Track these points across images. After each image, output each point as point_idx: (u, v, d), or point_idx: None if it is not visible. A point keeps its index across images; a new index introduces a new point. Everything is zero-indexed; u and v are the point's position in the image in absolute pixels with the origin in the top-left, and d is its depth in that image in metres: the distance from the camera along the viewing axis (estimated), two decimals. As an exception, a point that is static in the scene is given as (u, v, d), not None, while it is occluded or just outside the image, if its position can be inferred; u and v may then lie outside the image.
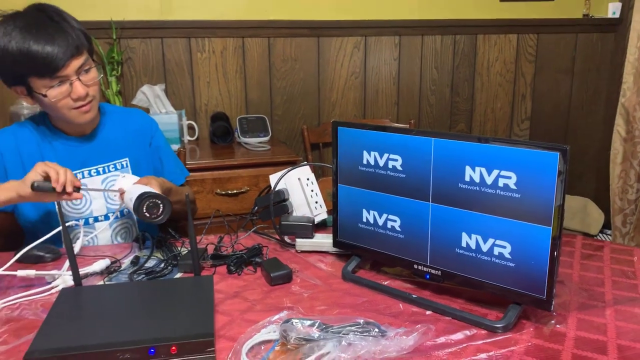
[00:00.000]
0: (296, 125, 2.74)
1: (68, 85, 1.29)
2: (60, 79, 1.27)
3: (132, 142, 1.51)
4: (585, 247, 1.28)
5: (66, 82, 1.28)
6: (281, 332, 0.86)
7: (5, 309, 1.03)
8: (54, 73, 1.26)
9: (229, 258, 1.20)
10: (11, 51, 1.24)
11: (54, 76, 1.26)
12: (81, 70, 1.30)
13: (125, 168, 1.48)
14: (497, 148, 0.92)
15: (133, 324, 0.88)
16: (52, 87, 1.28)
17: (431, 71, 2.89)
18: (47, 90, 1.28)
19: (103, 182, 1.44)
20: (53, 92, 1.28)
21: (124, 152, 1.49)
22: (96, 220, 1.44)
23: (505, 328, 0.92)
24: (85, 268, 1.15)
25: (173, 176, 1.56)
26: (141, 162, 1.52)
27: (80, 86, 1.30)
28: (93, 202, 1.44)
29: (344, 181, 1.15)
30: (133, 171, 1.49)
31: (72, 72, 1.28)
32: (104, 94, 2.43)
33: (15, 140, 1.39)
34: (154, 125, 1.60)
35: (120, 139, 1.49)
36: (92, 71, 1.34)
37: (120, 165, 1.48)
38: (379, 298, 1.05)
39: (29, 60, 1.24)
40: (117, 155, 1.48)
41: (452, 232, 1.00)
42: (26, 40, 1.23)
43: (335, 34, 2.69)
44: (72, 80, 1.29)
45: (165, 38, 2.49)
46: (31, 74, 1.27)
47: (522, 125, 3.11)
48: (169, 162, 1.59)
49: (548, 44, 3.02)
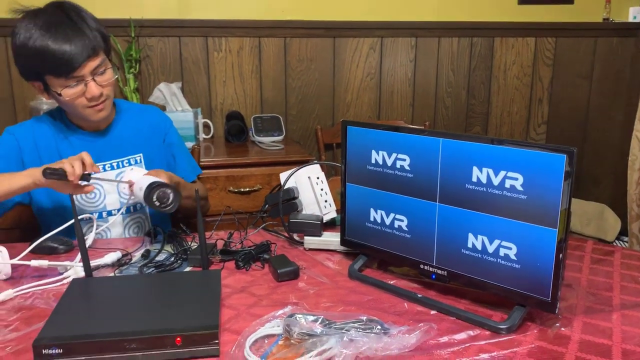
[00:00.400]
0: (310, 125, 2.75)
1: (83, 85, 1.31)
2: (75, 79, 1.30)
3: (146, 139, 1.54)
4: (596, 252, 1.27)
5: (81, 82, 1.31)
6: (285, 326, 0.87)
7: (18, 297, 1.05)
8: (70, 73, 1.28)
9: (237, 254, 1.22)
10: (30, 48, 1.27)
11: (70, 76, 1.29)
12: (97, 71, 1.32)
13: (139, 163, 1.51)
14: (504, 149, 0.92)
15: (140, 314, 0.90)
16: (68, 86, 1.30)
17: (447, 73, 2.88)
18: (62, 90, 1.30)
19: (117, 176, 1.47)
20: (68, 92, 1.31)
21: (138, 147, 1.51)
22: (110, 214, 1.46)
23: (509, 329, 0.92)
24: (96, 260, 1.18)
25: (185, 173, 1.58)
26: (155, 158, 1.54)
27: (95, 87, 1.32)
28: (107, 196, 1.46)
29: (352, 180, 1.16)
30: (147, 166, 1.51)
31: (87, 73, 1.30)
32: (121, 91, 2.46)
33: (33, 135, 1.43)
34: (168, 123, 1.62)
35: (135, 135, 1.52)
36: (108, 72, 1.36)
37: (134, 161, 1.50)
38: (385, 297, 1.06)
39: (46, 59, 1.27)
40: (132, 150, 1.50)
41: (458, 232, 1.00)
42: (45, 39, 1.26)
43: (352, 34, 2.70)
44: (87, 81, 1.31)
45: (182, 37, 2.52)
46: (48, 72, 1.29)
47: (539, 129, 3.08)
48: (181, 159, 1.61)
49: (566, 47, 2.99)
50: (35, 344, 0.80)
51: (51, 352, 0.80)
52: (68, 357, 0.81)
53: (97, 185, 1.44)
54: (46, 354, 0.80)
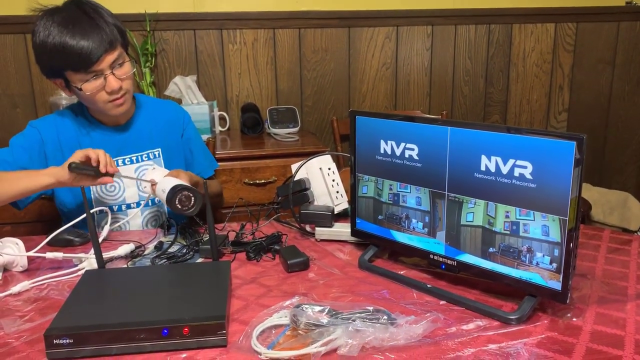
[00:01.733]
0: (326, 116, 2.75)
1: (102, 79, 1.33)
2: (94, 73, 1.32)
3: (164, 133, 1.56)
4: (613, 241, 1.24)
5: (100, 76, 1.33)
6: (291, 317, 0.87)
7: (34, 289, 1.08)
8: (88, 67, 1.30)
9: (248, 245, 1.22)
10: (49, 45, 1.29)
11: (89, 70, 1.31)
12: (115, 64, 1.34)
13: (158, 158, 1.53)
14: (512, 137, 0.90)
15: (149, 305, 0.91)
16: (87, 81, 1.32)
17: (465, 61, 2.84)
18: (82, 84, 1.33)
19: (136, 170, 1.49)
20: (88, 86, 1.33)
21: (157, 142, 1.53)
22: (129, 207, 1.49)
23: (519, 320, 0.91)
24: (110, 252, 1.19)
25: (202, 167, 1.59)
26: (173, 153, 1.56)
27: (114, 80, 1.34)
28: (126, 189, 1.49)
29: (361, 170, 1.15)
30: (165, 160, 1.53)
31: (106, 67, 1.32)
32: (138, 85, 2.49)
33: (56, 128, 1.46)
34: (187, 117, 1.64)
35: (154, 129, 1.54)
36: (126, 65, 1.38)
37: (153, 155, 1.52)
38: (394, 287, 1.05)
39: (65, 55, 1.29)
40: (151, 145, 1.52)
41: (467, 222, 0.99)
42: (63, 35, 1.28)
43: (366, 24, 2.67)
44: (106, 75, 1.33)
45: (197, 30, 2.53)
46: (67, 68, 1.32)
47: (560, 117, 3.02)
48: (198, 154, 1.63)
49: (588, 33, 2.92)
50: (47, 334, 0.82)
51: (62, 342, 0.82)
52: (78, 346, 0.83)
53: (117, 180, 1.47)
54: (57, 343, 0.82)
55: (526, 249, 0.92)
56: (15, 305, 1.01)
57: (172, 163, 1.55)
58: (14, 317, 0.96)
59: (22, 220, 1.76)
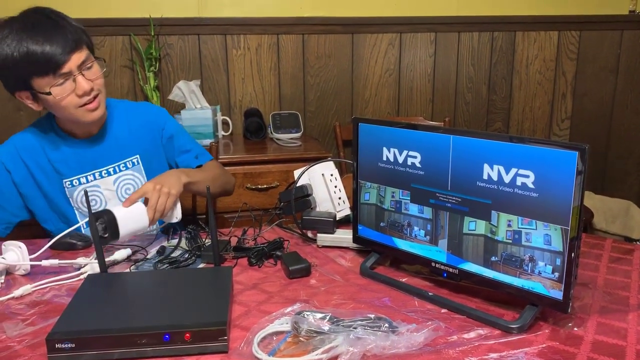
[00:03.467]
0: (329, 121, 2.75)
1: (72, 82, 1.28)
2: (63, 76, 1.26)
3: (141, 138, 1.50)
4: (615, 250, 1.24)
5: (69, 78, 1.27)
6: (293, 323, 0.88)
7: (36, 292, 1.08)
8: (56, 70, 1.25)
9: (250, 250, 1.23)
10: (10, 55, 1.23)
11: (57, 73, 1.25)
12: (83, 66, 1.29)
13: (137, 165, 1.48)
14: (515, 146, 0.90)
15: (151, 310, 0.91)
16: (56, 85, 1.26)
17: (468, 68, 2.85)
18: (51, 88, 1.26)
19: (115, 182, 1.45)
20: (57, 90, 1.27)
21: (134, 149, 1.48)
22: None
23: (520, 329, 0.91)
24: (112, 256, 1.20)
25: (200, 158, 1.56)
26: (153, 157, 1.52)
27: (84, 81, 1.29)
28: (107, 202, 1.45)
29: (364, 177, 1.15)
30: (145, 167, 1.49)
31: (74, 68, 1.27)
32: (142, 89, 2.50)
33: (17, 153, 1.40)
34: (162, 117, 1.57)
35: (129, 136, 1.48)
36: (95, 66, 1.32)
37: (131, 163, 1.48)
38: (395, 294, 1.05)
39: (29, 61, 1.23)
40: (127, 153, 1.47)
41: (469, 230, 0.99)
42: (24, 42, 1.22)
43: (370, 30, 2.68)
44: (75, 76, 1.27)
45: (201, 35, 2.54)
46: (33, 75, 1.25)
47: (562, 125, 3.02)
48: (187, 146, 1.57)
49: (591, 41, 2.92)
50: (49, 338, 0.82)
51: (64, 346, 0.82)
52: (80, 351, 0.83)
53: (97, 192, 1.43)
54: (59, 347, 0.82)
55: (528, 258, 0.92)
56: (17, 308, 1.02)
57: (152, 168, 1.50)
58: (16, 321, 0.97)
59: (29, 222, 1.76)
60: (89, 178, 1.43)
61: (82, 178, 1.43)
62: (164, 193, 1.27)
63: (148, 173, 1.49)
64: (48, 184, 1.41)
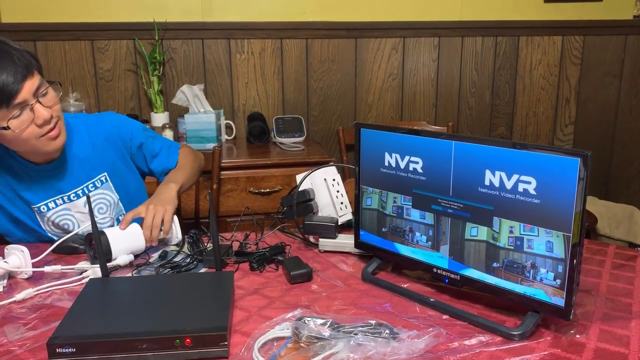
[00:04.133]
0: (332, 126, 2.76)
1: (29, 111, 1.18)
2: (19, 106, 1.16)
3: (106, 153, 1.42)
4: (618, 257, 1.24)
5: (26, 107, 1.18)
6: (293, 329, 0.88)
7: (37, 296, 1.08)
8: (10, 101, 1.15)
9: (252, 255, 1.22)
10: None
11: (11, 104, 1.15)
12: (38, 92, 1.20)
13: (106, 182, 1.42)
14: (517, 152, 0.90)
15: (152, 315, 0.91)
16: (13, 117, 1.17)
17: (471, 73, 2.85)
18: (9, 122, 1.16)
19: (86, 204, 1.37)
20: (15, 123, 1.17)
21: (100, 167, 1.41)
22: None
23: (522, 336, 0.90)
24: (113, 261, 1.20)
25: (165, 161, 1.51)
26: (122, 171, 1.46)
27: (43, 109, 1.20)
28: (81, 224, 1.40)
29: (366, 182, 1.15)
30: (114, 182, 1.43)
31: (29, 96, 1.17)
32: (146, 93, 2.51)
33: None
34: (127, 126, 1.48)
35: (93, 153, 1.40)
36: (50, 92, 1.24)
37: (99, 182, 1.41)
38: (397, 300, 1.05)
39: None
40: (94, 172, 1.40)
41: (471, 236, 0.98)
42: None
43: (373, 35, 2.69)
44: (32, 104, 1.18)
45: (205, 39, 2.55)
46: None
47: (566, 130, 3.01)
48: (156, 149, 1.50)
49: (595, 46, 2.92)
50: (50, 342, 0.83)
51: (65, 350, 0.82)
52: (81, 355, 0.83)
53: (69, 216, 1.38)
54: (60, 352, 0.82)
55: (530, 264, 0.91)
56: (19, 312, 1.02)
57: (122, 183, 1.45)
58: (17, 325, 0.97)
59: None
60: (58, 202, 1.37)
61: (50, 203, 1.36)
62: (158, 210, 1.25)
63: (118, 188, 1.44)
64: (17, 211, 1.37)
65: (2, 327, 0.96)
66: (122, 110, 2.52)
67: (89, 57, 2.47)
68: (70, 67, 2.46)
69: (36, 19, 2.39)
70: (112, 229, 1.23)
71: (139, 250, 1.25)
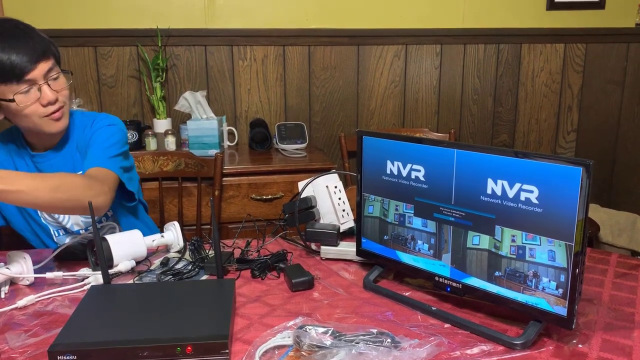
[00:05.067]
0: (334, 132, 2.76)
1: (36, 90, 1.25)
2: (28, 83, 1.23)
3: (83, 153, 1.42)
4: (620, 266, 1.23)
5: (34, 86, 1.24)
6: (295, 337, 0.87)
7: (39, 303, 1.08)
8: (21, 77, 1.22)
9: (253, 262, 1.22)
10: None
11: (22, 80, 1.22)
12: (49, 75, 1.27)
13: None
14: (519, 161, 0.90)
15: (153, 322, 0.91)
16: (20, 92, 1.23)
17: (473, 80, 2.85)
18: (15, 95, 1.23)
19: None
20: (21, 98, 1.24)
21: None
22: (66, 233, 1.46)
23: (524, 345, 0.90)
24: (114, 268, 1.20)
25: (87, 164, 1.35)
26: None
27: (49, 90, 1.26)
28: (71, 218, 1.43)
29: (368, 190, 1.15)
30: None
31: (40, 76, 1.25)
32: (149, 100, 2.51)
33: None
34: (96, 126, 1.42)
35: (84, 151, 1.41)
36: (61, 78, 1.30)
37: None
38: (398, 308, 1.05)
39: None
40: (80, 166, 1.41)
41: (473, 245, 0.98)
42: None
43: (375, 42, 2.69)
44: (40, 85, 1.25)
45: (208, 46, 2.55)
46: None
47: (568, 137, 3.01)
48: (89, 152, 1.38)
49: (597, 53, 2.92)
50: (51, 350, 0.83)
51: (66, 358, 0.82)
52: (82, 363, 0.83)
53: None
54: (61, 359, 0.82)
55: (532, 273, 0.91)
56: (20, 319, 1.02)
57: None
58: (18, 332, 0.97)
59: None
60: None
61: None
62: None
63: None
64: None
65: (4, 334, 0.96)
66: (124, 116, 2.53)
67: (92, 64, 2.48)
68: (73, 73, 2.47)
69: (40, 26, 2.38)
70: (113, 235, 1.23)
71: (141, 257, 1.25)
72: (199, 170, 2.11)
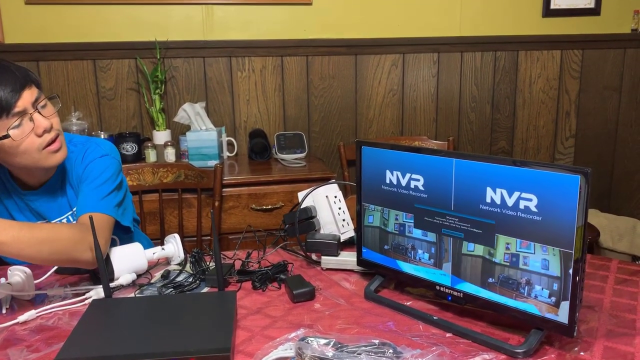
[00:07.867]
0: (333, 142, 2.77)
1: (29, 121, 1.19)
2: (18, 115, 1.17)
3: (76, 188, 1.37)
4: (621, 272, 1.23)
5: (25, 117, 1.19)
6: (297, 349, 0.87)
7: (40, 318, 1.08)
8: (10, 109, 1.16)
9: (254, 274, 1.22)
10: None
11: (11, 113, 1.16)
12: (37, 103, 1.21)
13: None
14: (517, 170, 0.91)
15: (155, 335, 0.91)
16: (13, 127, 1.17)
17: (471, 88, 2.86)
18: (9, 131, 1.17)
19: None
20: (16, 132, 1.18)
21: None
22: None
23: (525, 353, 0.90)
24: (116, 281, 1.20)
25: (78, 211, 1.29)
26: None
27: (42, 118, 1.21)
28: None
29: (367, 200, 1.16)
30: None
31: (28, 105, 1.19)
32: (148, 112, 2.52)
33: None
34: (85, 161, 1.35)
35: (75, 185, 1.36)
36: (49, 105, 1.25)
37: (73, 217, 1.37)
38: (400, 318, 1.05)
39: None
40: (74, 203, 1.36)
41: (473, 253, 0.99)
42: None
43: (373, 51, 2.71)
44: (32, 114, 1.20)
45: (207, 57, 2.57)
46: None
47: (567, 143, 3.02)
48: (80, 195, 1.32)
49: (594, 59, 2.94)
50: (53, 365, 0.83)
51: (68, 373, 0.82)
52: (84, 378, 0.83)
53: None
54: (63, 375, 0.82)
55: (525, 281, 0.91)
56: (21, 334, 1.02)
57: None
58: (20, 347, 0.97)
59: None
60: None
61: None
62: None
63: None
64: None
65: (6, 350, 0.96)
66: (124, 128, 2.54)
67: (91, 76, 2.49)
68: (72, 87, 2.48)
69: (39, 40, 2.41)
70: (113, 248, 1.23)
71: (141, 270, 1.25)
72: (199, 181, 2.11)
